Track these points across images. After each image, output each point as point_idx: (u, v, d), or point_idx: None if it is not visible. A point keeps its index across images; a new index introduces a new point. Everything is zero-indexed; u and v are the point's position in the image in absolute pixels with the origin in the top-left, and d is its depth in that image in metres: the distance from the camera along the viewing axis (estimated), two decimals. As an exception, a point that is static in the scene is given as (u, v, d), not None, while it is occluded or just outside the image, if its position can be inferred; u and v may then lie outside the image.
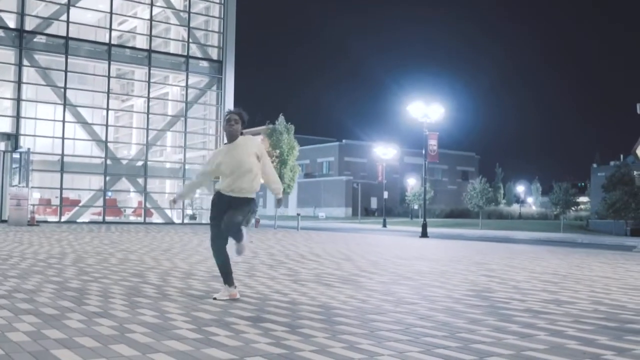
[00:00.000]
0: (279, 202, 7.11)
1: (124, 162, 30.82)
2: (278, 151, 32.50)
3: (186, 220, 31.93)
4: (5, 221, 24.86)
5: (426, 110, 31.70)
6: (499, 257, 13.98)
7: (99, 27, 30.76)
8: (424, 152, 32.51)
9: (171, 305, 5.83)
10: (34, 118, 28.88)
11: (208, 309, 5.68)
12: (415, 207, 74.47)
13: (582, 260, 13.61)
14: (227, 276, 6.34)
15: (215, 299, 6.20)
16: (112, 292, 6.56)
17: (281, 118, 33.51)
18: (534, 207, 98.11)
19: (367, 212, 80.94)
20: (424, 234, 28.63)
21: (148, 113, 31.39)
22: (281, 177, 32.14)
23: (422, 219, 30.32)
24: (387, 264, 11.07)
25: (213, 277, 8.18)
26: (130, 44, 32.98)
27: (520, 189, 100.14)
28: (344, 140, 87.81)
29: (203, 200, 33.39)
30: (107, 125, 30.06)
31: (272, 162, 32.75)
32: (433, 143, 32.62)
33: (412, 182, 69.46)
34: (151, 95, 33.43)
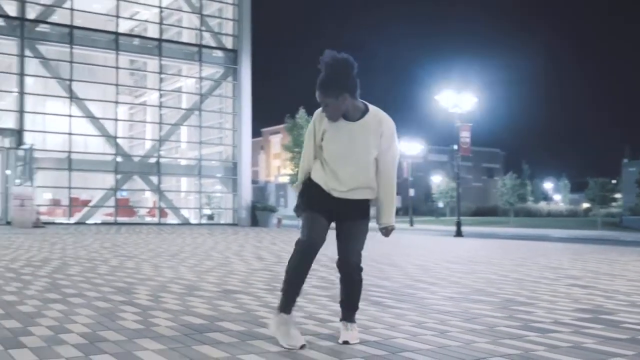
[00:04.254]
0: None
1: (136, 159, 28.87)
2: (299, 147, 30.44)
3: (203, 221, 29.94)
4: (9, 223, 23.07)
5: (457, 99, 29.51)
6: (566, 258, 11.81)
7: (105, 14, 28.83)
8: (456, 146, 30.32)
9: (147, 352, 3.73)
10: (39, 113, 27.01)
11: (209, 354, 3.59)
12: (441, 205, 72.31)
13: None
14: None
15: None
16: (67, 325, 4.49)
17: (302, 111, 31.51)
18: (561, 204, 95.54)
19: (393, 211, 78.62)
20: (459, 233, 26.59)
21: (160, 107, 29.47)
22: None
23: (452, 217, 28.28)
24: (440, 270, 8.94)
25: (223, 294, 6.10)
26: (140, 34, 31.04)
27: (548, 185, 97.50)
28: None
29: (221, 199, 31.47)
30: (116, 120, 28.14)
31: (293, 158, 30.85)
32: (466, 135, 30.30)
33: (438, 180, 67.23)
34: (166, 88, 31.58)
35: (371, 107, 3.98)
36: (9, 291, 6.03)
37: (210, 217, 31.21)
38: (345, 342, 3.95)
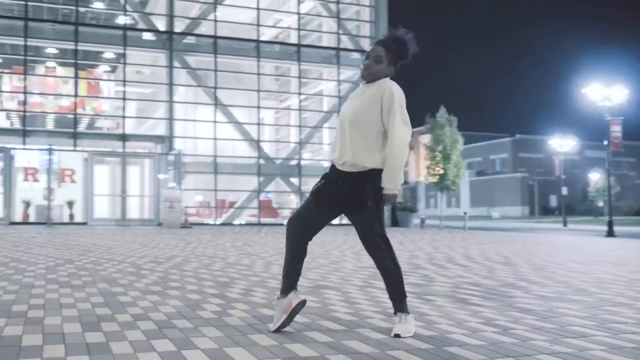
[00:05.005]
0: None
1: (278, 161, 29.87)
2: (441, 146, 30.00)
3: (344, 221, 30.32)
4: (160, 224, 24.69)
5: (606, 92, 27.86)
6: None
7: (247, 24, 30.09)
8: (605, 141, 28.62)
9: (204, 339, 3.97)
10: (187, 120, 28.69)
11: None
12: (600, 204, 68.48)
13: None
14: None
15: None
16: (150, 313, 4.85)
17: (442, 110, 30.98)
18: None
19: (546, 211, 75.46)
20: (610, 233, 25.05)
21: (300, 110, 30.30)
22: (445, 173, 29.65)
23: (608, 217, 26.56)
24: (556, 270, 8.59)
25: (312, 290, 6.27)
26: (279, 40, 32.10)
27: None
28: (517, 135, 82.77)
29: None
30: (258, 124, 29.28)
31: (434, 157, 30.48)
32: (616, 129, 28.49)
33: (596, 177, 63.65)
34: (308, 92, 32.46)
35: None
36: (120, 283, 6.55)
37: (351, 217, 31.53)
38: (397, 336, 3.97)
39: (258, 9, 29.06)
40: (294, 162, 29.38)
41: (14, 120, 28.92)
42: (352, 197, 4.01)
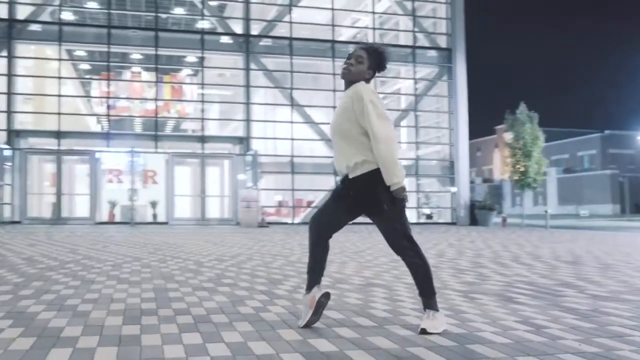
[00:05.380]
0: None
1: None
2: (521, 142, 29.29)
3: (422, 220, 30.17)
4: (238, 224, 25.19)
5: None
6: None
7: (323, 24, 30.30)
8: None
9: (233, 333, 4.08)
10: (263, 121, 29.14)
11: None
12: None
13: None
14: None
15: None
16: (192, 308, 5.01)
17: (522, 106, 30.25)
18: None
19: (638, 209, 72.27)
20: (703, 232, 23.91)
21: (376, 109, 30.26)
22: (526, 170, 28.93)
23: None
24: (623, 270, 8.29)
25: (361, 287, 6.30)
26: (357, 40, 32.16)
27: None
28: (606, 131, 79.67)
29: (440, 198, 31.47)
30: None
31: (515, 154, 29.80)
32: None
33: None
34: (386, 91, 32.44)
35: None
36: (176, 280, 6.77)
37: (429, 216, 31.30)
38: (423, 331, 3.98)
39: (333, 9, 29.22)
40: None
41: (101, 125, 30.21)
42: (367, 199, 4.05)
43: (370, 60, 4.21)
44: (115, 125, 27.97)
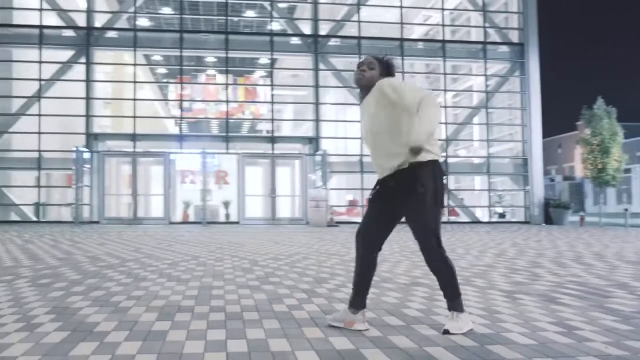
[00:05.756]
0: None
1: (422, 159, 29.59)
2: (599, 138, 28.36)
3: (494, 219, 29.62)
4: (308, 223, 25.39)
5: None
6: None
7: (389, 22, 30.12)
8: None
9: (256, 330, 4.16)
10: (333, 120, 29.24)
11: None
12: None
13: None
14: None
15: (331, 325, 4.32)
16: (228, 306, 5.12)
17: (600, 101, 29.28)
18: None
19: None
20: None
21: (445, 107, 29.87)
22: (604, 167, 27.99)
23: None
24: (688, 270, 7.95)
25: (405, 286, 6.28)
26: (429, 37, 31.86)
27: None
28: (696, 125, 76.06)
29: (513, 197, 30.79)
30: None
31: (592, 150, 28.89)
32: None
33: None
34: (458, 88, 32.07)
35: None
36: (225, 278, 6.91)
37: (502, 215, 30.69)
38: (446, 332, 3.97)
39: (401, 7, 29.05)
40: (440, 160, 29.01)
41: (179, 126, 31.03)
42: (405, 188, 4.03)
43: (380, 67, 4.31)
44: (189, 127, 28.66)
